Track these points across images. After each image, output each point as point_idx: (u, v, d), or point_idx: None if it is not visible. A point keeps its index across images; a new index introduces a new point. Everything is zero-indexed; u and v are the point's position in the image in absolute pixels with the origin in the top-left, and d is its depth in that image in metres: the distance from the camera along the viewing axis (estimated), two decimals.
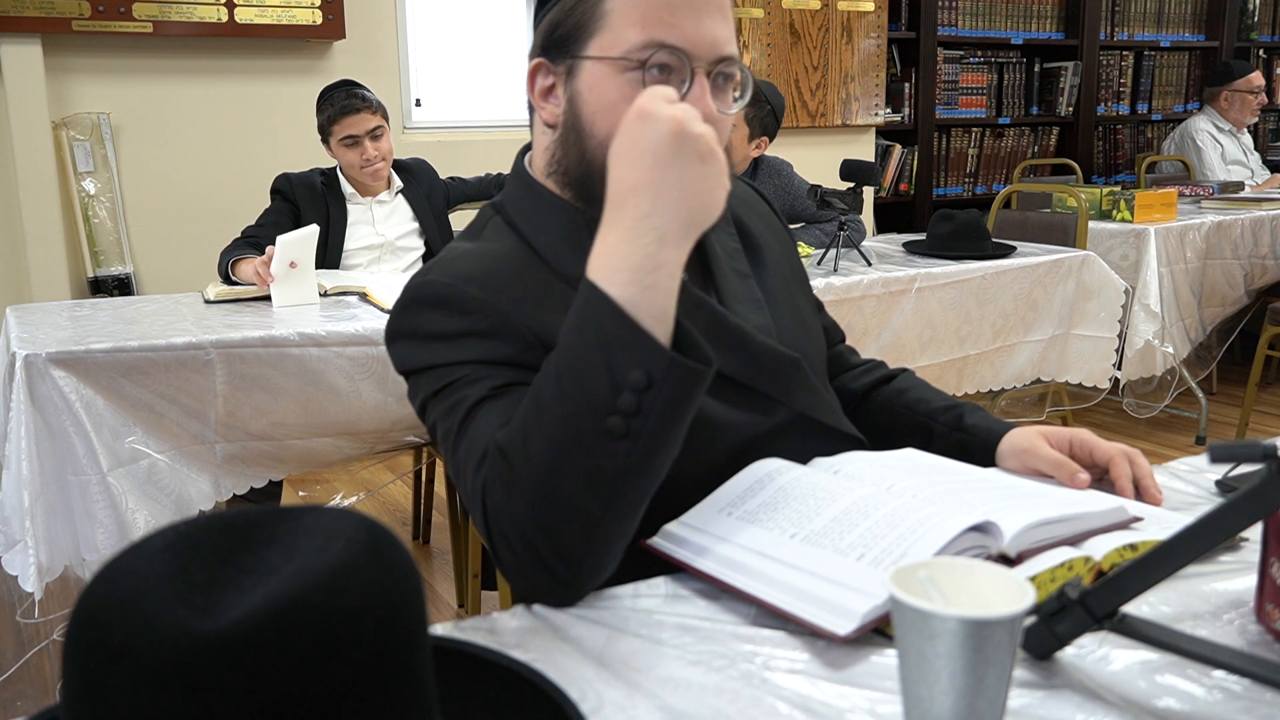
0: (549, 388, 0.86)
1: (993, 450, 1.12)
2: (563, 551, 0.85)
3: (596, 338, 0.83)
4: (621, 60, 0.98)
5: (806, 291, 1.26)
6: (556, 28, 1.02)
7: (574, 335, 0.86)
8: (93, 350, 1.84)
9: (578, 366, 0.84)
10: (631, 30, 0.98)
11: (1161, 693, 0.72)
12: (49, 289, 3.25)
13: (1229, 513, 0.68)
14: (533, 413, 0.86)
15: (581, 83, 1.01)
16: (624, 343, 0.82)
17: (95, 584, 0.49)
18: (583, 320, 0.85)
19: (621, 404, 0.82)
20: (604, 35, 0.99)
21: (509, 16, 4.07)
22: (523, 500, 0.86)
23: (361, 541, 0.52)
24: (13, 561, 1.80)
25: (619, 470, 0.84)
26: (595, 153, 1.00)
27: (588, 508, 0.85)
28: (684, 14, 0.98)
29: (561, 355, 0.87)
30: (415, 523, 3.08)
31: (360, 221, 2.86)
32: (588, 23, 1.00)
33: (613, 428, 0.82)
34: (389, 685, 0.50)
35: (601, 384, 0.83)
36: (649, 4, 0.98)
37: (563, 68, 1.02)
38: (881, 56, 4.61)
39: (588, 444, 0.83)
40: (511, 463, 0.86)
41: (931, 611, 0.60)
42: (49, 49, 3.23)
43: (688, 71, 0.99)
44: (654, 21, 0.98)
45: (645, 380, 0.82)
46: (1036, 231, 3.37)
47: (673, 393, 0.83)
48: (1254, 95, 4.74)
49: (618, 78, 0.99)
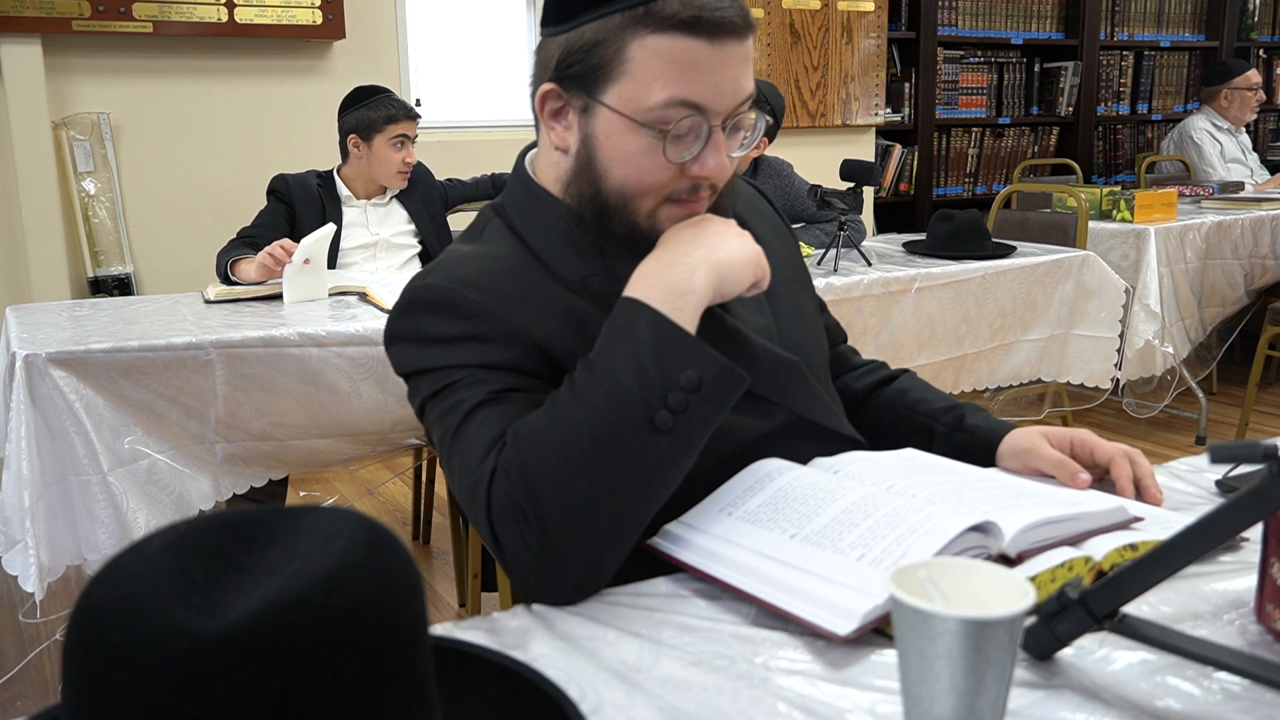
0: (590, 384, 0.89)
1: (993, 450, 1.12)
2: (582, 540, 0.87)
3: (651, 338, 0.89)
4: (642, 120, 0.96)
5: (809, 292, 1.26)
6: (573, 59, 0.98)
7: (621, 336, 0.90)
8: (93, 350, 1.84)
9: (629, 362, 0.88)
10: (655, 86, 0.95)
11: (1162, 693, 0.72)
12: (49, 289, 3.25)
13: (1229, 513, 0.68)
14: (571, 402, 0.89)
15: (599, 127, 0.99)
16: (677, 346, 0.89)
17: (95, 584, 0.49)
18: (630, 325, 0.91)
19: (672, 401, 0.88)
20: (625, 85, 0.96)
21: (509, 16, 4.07)
22: (552, 486, 0.87)
23: (361, 541, 0.52)
24: (13, 562, 1.80)
25: (656, 465, 0.88)
26: (609, 195, 1.01)
27: (619, 499, 0.88)
28: (709, 71, 0.96)
29: (606, 351, 0.90)
30: (415, 523, 3.08)
31: (355, 223, 2.86)
32: (609, 67, 0.97)
33: (661, 422, 0.87)
34: (389, 685, 0.50)
35: (653, 381, 0.88)
36: (674, 60, 0.95)
37: (578, 102, 1.00)
38: (881, 56, 4.61)
39: (632, 435, 0.87)
40: (541, 448, 0.87)
41: (931, 611, 0.60)
42: (49, 49, 3.22)
43: (705, 129, 0.97)
44: (677, 79, 0.95)
45: (696, 381, 0.88)
46: (1036, 231, 3.37)
47: (718, 396, 0.90)
48: (1253, 92, 4.75)
49: (637, 134, 0.97)
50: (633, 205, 1.00)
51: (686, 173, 0.99)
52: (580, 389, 0.89)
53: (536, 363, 0.99)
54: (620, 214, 1.01)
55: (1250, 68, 4.78)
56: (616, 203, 1.00)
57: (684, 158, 0.98)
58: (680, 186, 1.00)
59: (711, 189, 1.02)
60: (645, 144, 0.97)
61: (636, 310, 0.92)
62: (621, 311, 0.93)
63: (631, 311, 0.92)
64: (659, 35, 0.94)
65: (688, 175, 0.99)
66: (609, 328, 0.92)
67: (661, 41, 0.94)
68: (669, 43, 0.94)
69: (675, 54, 0.94)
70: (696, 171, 0.98)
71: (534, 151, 1.11)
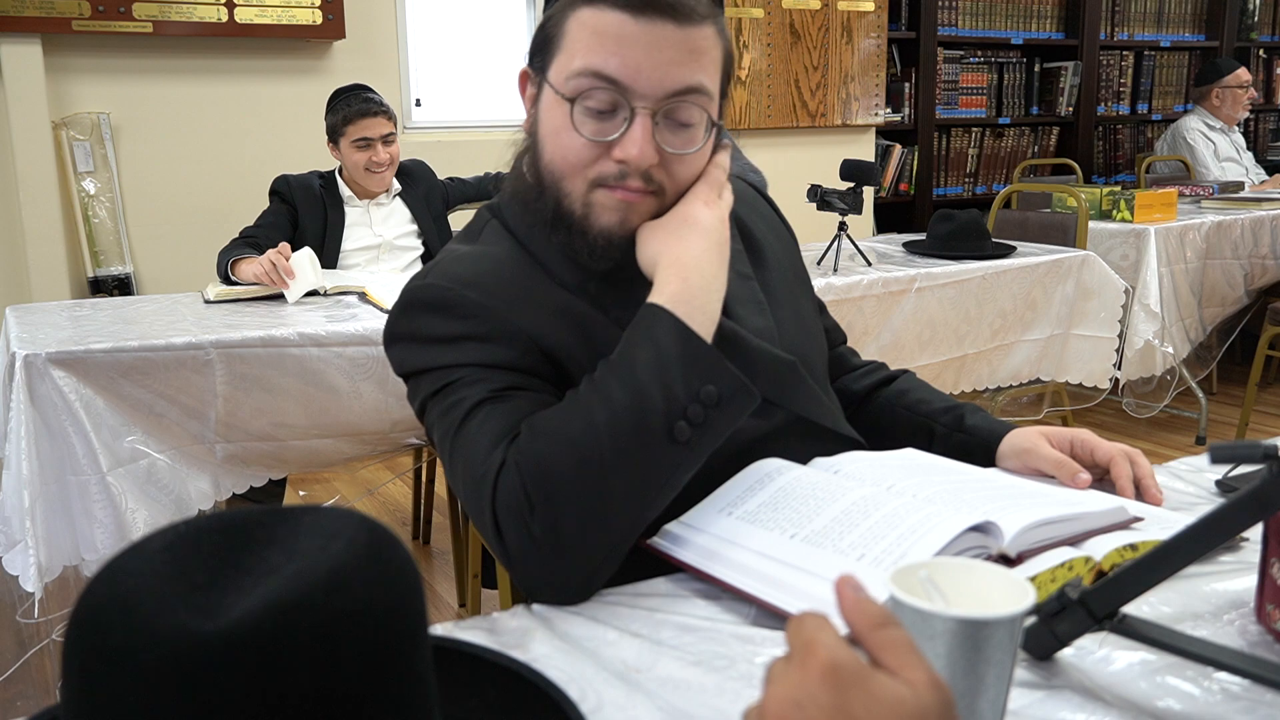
0: (614, 384, 0.89)
1: (994, 450, 1.12)
2: (589, 539, 0.87)
3: (675, 348, 0.90)
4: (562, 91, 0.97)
5: (809, 292, 1.26)
6: (535, 41, 1.02)
7: (645, 342, 0.90)
8: (92, 350, 1.84)
9: (652, 371, 0.89)
10: (576, 56, 0.96)
11: (1162, 693, 0.72)
12: (49, 289, 3.25)
13: (1229, 513, 0.68)
14: (592, 402, 0.89)
15: (542, 104, 1.01)
16: (702, 358, 0.90)
17: (95, 584, 0.49)
18: (653, 332, 0.91)
19: (691, 413, 0.88)
20: (560, 59, 0.98)
21: (509, 16, 4.07)
22: (569, 482, 0.87)
23: (361, 542, 0.52)
24: (13, 561, 1.80)
25: (667, 473, 0.89)
26: (544, 174, 1.01)
27: (630, 503, 0.88)
28: (629, 46, 0.94)
29: (629, 356, 0.90)
30: (415, 523, 3.08)
31: (358, 223, 2.86)
32: (552, 43, 0.99)
33: (679, 433, 0.88)
34: (389, 685, 0.50)
35: (677, 391, 0.88)
36: (596, 30, 0.95)
37: (535, 82, 1.02)
38: (881, 56, 4.61)
39: (651, 442, 0.88)
40: (560, 444, 0.88)
41: (931, 611, 0.60)
42: (49, 49, 3.22)
43: (626, 108, 0.96)
44: (595, 48, 0.95)
45: (716, 396, 0.89)
46: (1036, 231, 3.37)
47: (733, 412, 0.91)
48: (1244, 90, 4.76)
49: (560, 106, 0.97)
50: (563, 186, 1.00)
51: (610, 155, 0.97)
52: (602, 390, 0.90)
53: (536, 362, 0.99)
54: (553, 194, 1.00)
55: (1240, 66, 4.79)
56: (549, 182, 1.00)
57: (604, 137, 0.96)
58: (606, 170, 0.98)
59: (646, 179, 0.98)
60: (565, 117, 0.97)
61: (661, 318, 0.92)
62: (645, 316, 0.93)
63: (656, 318, 0.92)
64: (589, 8, 0.96)
65: (612, 158, 0.97)
66: (633, 330, 0.93)
67: (590, 14, 0.96)
68: (595, 15, 0.96)
69: (599, 25, 0.95)
70: (617, 154, 0.97)
71: None
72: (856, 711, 0.45)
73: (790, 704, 0.46)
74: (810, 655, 0.47)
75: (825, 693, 0.45)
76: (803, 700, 0.46)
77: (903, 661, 0.47)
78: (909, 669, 0.47)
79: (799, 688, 0.46)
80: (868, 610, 0.49)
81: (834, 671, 0.46)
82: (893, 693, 0.46)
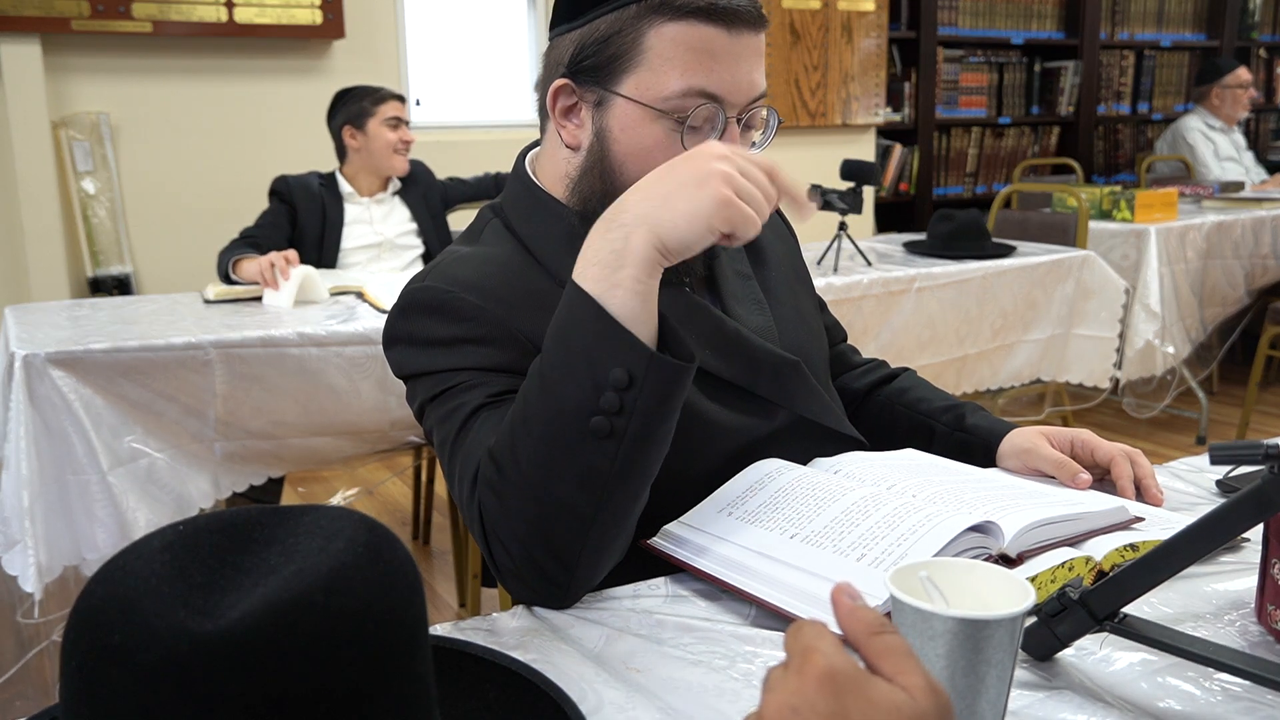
0: (534, 391, 0.86)
1: (994, 450, 1.12)
2: (557, 554, 0.85)
3: (579, 337, 0.84)
4: (661, 109, 0.96)
5: (809, 290, 1.26)
6: (587, 52, 0.98)
7: (556, 337, 0.86)
8: (92, 350, 1.84)
9: (561, 368, 0.85)
10: (672, 75, 0.95)
11: (1162, 693, 0.72)
12: (48, 289, 3.25)
13: (1230, 513, 0.68)
14: (520, 418, 0.86)
15: (614, 120, 0.99)
16: (604, 341, 0.83)
17: (94, 584, 0.49)
18: (565, 320, 0.86)
19: (605, 403, 0.82)
20: (641, 74, 0.97)
21: (509, 16, 4.07)
22: (515, 505, 0.85)
23: (361, 542, 0.52)
24: (12, 561, 1.80)
25: (607, 470, 0.84)
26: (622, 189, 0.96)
27: (580, 510, 0.85)
28: (725, 61, 0.96)
29: (545, 358, 0.87)
30: (415, 523, 3.08)
31: (358, 221, 2.87)
32: (625, 57, 0.97)
33: (597, 427, 0.83)
34: (389, 685, 0.50)
35: (584, 384, 0.83)
36: (691, 48, 0.95)
37: (592, 95, 1.00)
38: (881, 56, 4.60)
39: (574, 445, 0.83)
40: (502, 469, 0.86)
41: (931, 611, 0.60)
42: (48, 48, 3.22)
43: (721, 119, 0.97)
44: (695, 66, 0.95)
45: (626, 379, 0.82)
46: (1037, 231, 3.37)
47: (655, 390, 0.83)
48: (1244, 90, 4.76)
49: (654, 124, 0.97)
50: None
51: None
52: (528, 398, 0.87)
53: None
54: None
55: (1240, 65, 4.79)
56: None
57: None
58: None
59: None
60: (662, 135, 0.97)
61: (570, 299, 0.86)
62: (563, 300, 0.87)
63: (566, 300, 0.86)
64: (676, 23, 0.95)
65: None
66: (552, 323, 0.88)
67: (679, 29, 0.95)
68: (687, 30, 0.95)
69: (693, 42, 0.95)
70: None
71: (534, 152, 1.11)
72: (854, 718, 0.45)
73: (788, 711, 0.46)
74: (808, 662, 0.47)
75: (823, 699, 0.46)
76: (800, 707, 0.46)
77: (899, 667, 0.47)
78: (906, 675, 0.47)
79: (797, 694, 0.46)
80: (864, 617, 0.49)
81: (831, 678, 0.46)
82: (890, 699, 0.46)
